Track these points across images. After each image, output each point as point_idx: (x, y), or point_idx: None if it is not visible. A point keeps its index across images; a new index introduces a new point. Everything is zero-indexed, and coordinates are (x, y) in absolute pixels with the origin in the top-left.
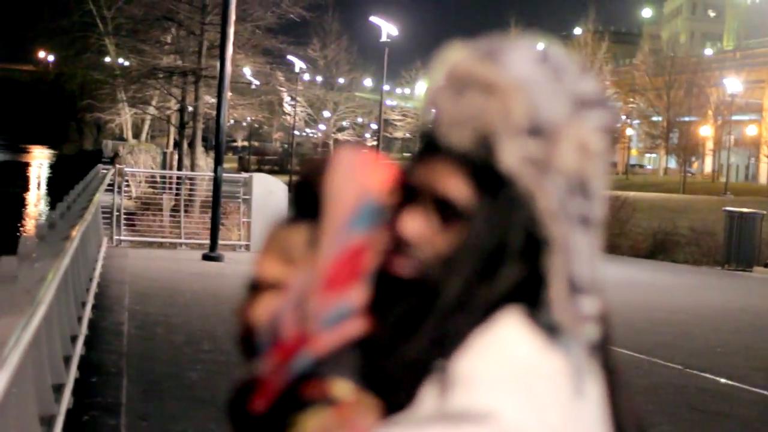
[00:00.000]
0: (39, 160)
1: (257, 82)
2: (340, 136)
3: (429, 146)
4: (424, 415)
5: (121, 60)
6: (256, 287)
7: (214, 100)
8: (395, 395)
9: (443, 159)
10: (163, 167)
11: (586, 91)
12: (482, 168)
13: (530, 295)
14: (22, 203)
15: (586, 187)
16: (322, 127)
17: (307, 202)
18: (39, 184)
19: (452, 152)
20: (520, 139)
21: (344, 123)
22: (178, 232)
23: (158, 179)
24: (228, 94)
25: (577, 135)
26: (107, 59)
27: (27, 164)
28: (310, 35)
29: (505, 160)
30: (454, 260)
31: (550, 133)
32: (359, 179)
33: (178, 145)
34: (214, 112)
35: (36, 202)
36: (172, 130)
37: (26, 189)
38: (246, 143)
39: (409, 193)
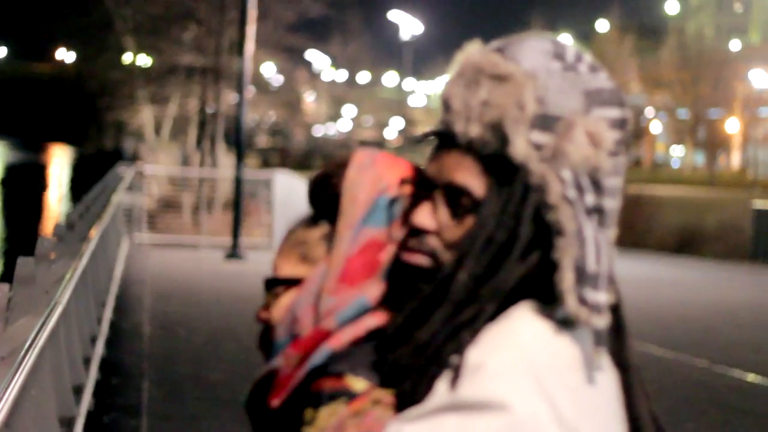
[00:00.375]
0: (59, 160)
1: (278, 81)
2: (362, 134)
3: (444, 139)
4: (436, 406)
5: (140, 58)
6: (274, 285)
7: (236, 99)
8: (407, 382)
9: (456, 150)
10: (184, 166)
11: (599, 86)
12: (494, 158)
13: (541, 285)
14: (42, 203)
15: (598, 180)
16: (344, 125)
17: (323, 201)
18: (59, 184)
19: (465, 142)
20: (532, 130)
21: (367, 121)
22: (199, 232)
23: (179, 178)
24: (250, 93)
25: (589, 128)
26: (126, 58)
27: (47, 164)
28: (331, 33)
29: (517, 149)
30: (465, 251)
31: (562, 124)
32: (374, 175)
33: (199, 143)
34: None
35: (56, 202)
36: (194, 128)
37: (47, 189)
38: (269, 143)
39: (423, 184)
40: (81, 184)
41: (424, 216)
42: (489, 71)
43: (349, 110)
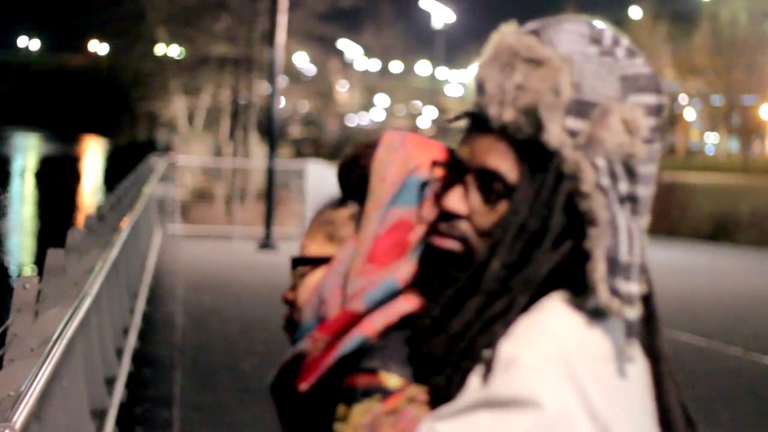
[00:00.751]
0: (92, 151)
1: (310, 71)
2: (395, 123)
3: (477, 122)
4: (469, 403)
5: (172, 49)
6: (301, 264)
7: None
8: (440, 377)
9: (490, 134)
10: (216, 157)
11: (636, 71)
12: (528, 143)
13: (572, 274)
14: (76, 195)
15: (633, 168)
16: (377, 114)
17: (352, 182)
18: (93, 176)
19: (499, 127)
20: (567, 116)
21: (400, 111)
22: (232, 222)
23: (212, 169)
24: (282, 83)
25: (625, 114)
26: (158, 49)
27: (81, 156)
28: (363, 22)
29: (551, 136)
30: (497, 240)
31: (598, 111)
32: (403, 155)
33: (232, 134)
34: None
35: (90, 194)
36: (226, 119)
37: (81, 181)
38: (302, 133)
39: (455, 168)
40: (115, 175)
41: (456, 200)
42: (524, 55)
43: (382, 100)
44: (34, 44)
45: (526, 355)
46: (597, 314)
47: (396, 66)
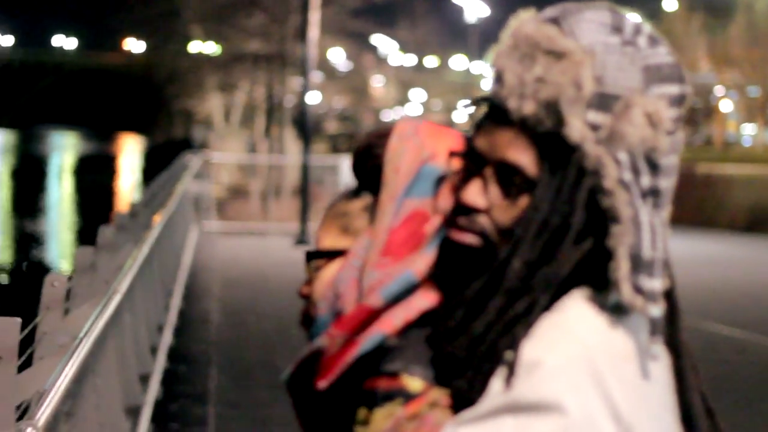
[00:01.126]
0: (129, 149)
1: (345, 67)
2: (431, 118)
3: (495, 113)
4: (492, 408)
5: (207, 46)
6: (316, 259)
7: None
8: (462, 380)
9: (509, 126)
10: (251, 153)
11: (658, 61)
12: (549, 137)
13: (595, 272)
14: (114, 193)
15: (655, 161)
16: (413, 109)
17: (366, 172)
18: (131, 174)
19: (518, 120)
20: (588, 109)
21: (435, 105)
22: (267, 219)
23: (247, 166)
24: (316, 79)
25: (648, 107)
26: (193, 46)
27: (118, 154)
28: (396, 17)
29: (572, 130)
30: (517, 237)
31: (620, 104)
32: (417, 144)
33: (267, 131)
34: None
35: (128, 192)
36: (262, 116)
37: (118, 179)
38: (338, 128)
39: (473, 159)
40: (152, 173)
41: (475, 194)
42: (545, 46)
43: (417, 94)
44: (70, 43)
45: (549, 357)
46: (619, 311)
47: (431, 61)
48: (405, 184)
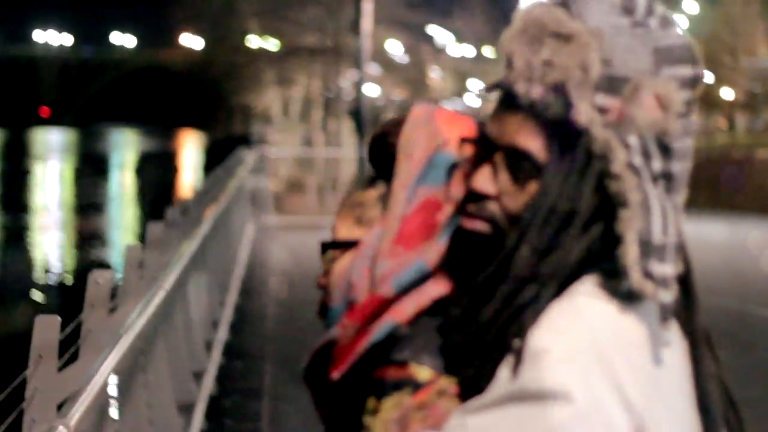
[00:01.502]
0: (190, 146)
1: (404, 59)
2: (490, 108)
3: (505, 97)
4: (499, 396)
5: (264, 41)
6: (330, 248)
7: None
8: (469, 368)
9: (519, 111)
10: (307, 147)
11: (670, 42)
12: (557, 121)
13: (602, 257)
14: (176, 190)
15: (667, 144)
16: (471, 99)
17: (381, 160)
18: (192, 170)
19: (527, 104)
20: (596, 93)
21: (493, 95)
22: (324, 213)
23: (304, 159)
24: (373, 71)
25: (658, 89)
26: (250, 41)
27: (179, 150)
28: (452, 7)
29: (580, 114)
30: (525, 224)
31: (629, 87)
32: (430, 131)
33: (324, 124)
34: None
35: (189, 188)
36: (318, 109)
37: (180, 175)
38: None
39: (485, 145)
40: (213, 169)
41: (485, 180)
42: (552, 29)
43: (475, 84)
44: (128, 40)
45: (557, 345)
46: (630, 298)
47: (489, 51)
48: (418, 172)
